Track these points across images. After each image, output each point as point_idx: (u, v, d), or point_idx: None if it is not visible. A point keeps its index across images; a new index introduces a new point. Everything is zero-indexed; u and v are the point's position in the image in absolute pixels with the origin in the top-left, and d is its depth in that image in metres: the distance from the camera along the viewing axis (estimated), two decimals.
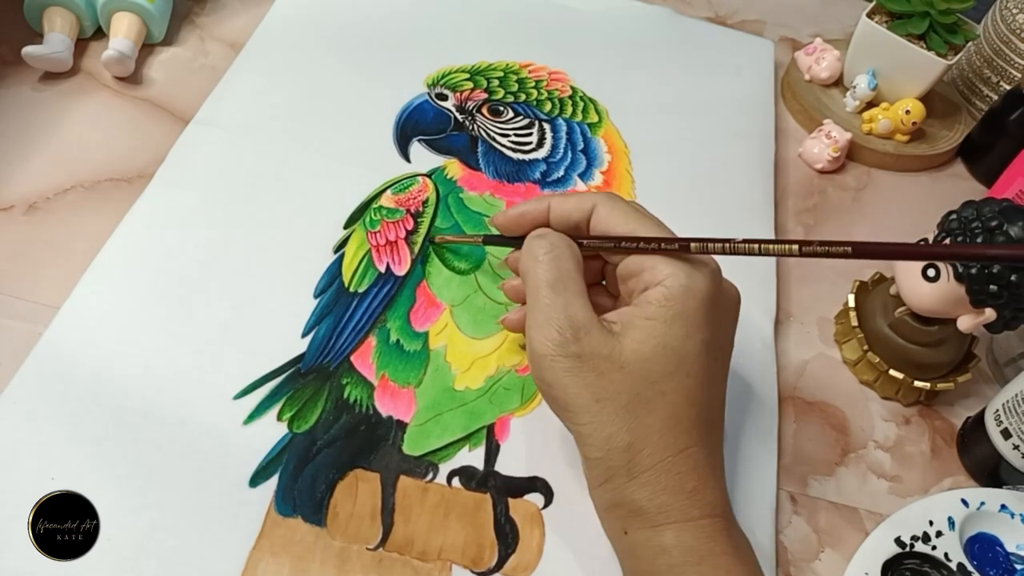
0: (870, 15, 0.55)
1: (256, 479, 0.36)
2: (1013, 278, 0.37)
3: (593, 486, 0.33)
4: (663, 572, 0.30)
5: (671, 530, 0.30)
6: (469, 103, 0.53)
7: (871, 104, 0.58)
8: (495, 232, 0.38)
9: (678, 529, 0.30)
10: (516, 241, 0.37)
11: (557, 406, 0.32)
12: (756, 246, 0.31)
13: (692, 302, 0.31)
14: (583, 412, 0.31)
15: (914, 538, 0.38)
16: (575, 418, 0.31)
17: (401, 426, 0.39)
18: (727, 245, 0.31)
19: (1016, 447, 0.40)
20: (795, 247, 0.30)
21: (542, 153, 0.51)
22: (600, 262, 0.37)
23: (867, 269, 0.47)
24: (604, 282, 0.38)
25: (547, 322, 0.31)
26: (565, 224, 0.35)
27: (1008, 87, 0.58)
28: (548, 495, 0.38)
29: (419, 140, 0.50)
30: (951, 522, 0.38)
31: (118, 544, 0.33)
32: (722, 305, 0.33)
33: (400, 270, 0.44)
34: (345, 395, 0.39)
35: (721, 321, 0.33)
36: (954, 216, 0.39)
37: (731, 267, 0.34)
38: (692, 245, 0.32)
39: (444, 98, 0.53)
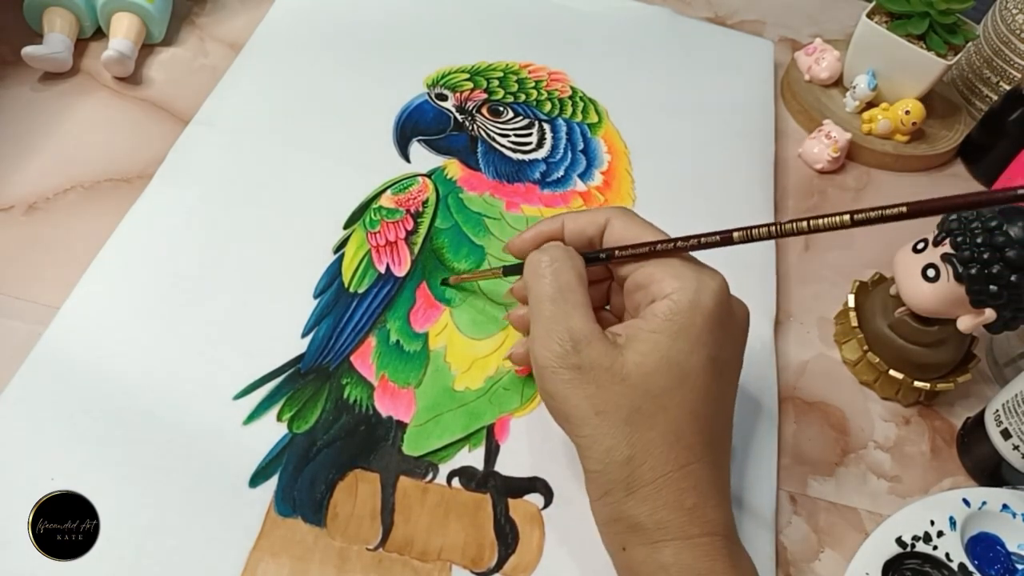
0: (870, 15, 0.55)
1: (256, 479, 0.36)
2: (1013, 278, 0.37)
3: (592, 499, 0.32)
4: None
5: (670, 547, 0.30)
6: (469, 103, 0.53)
7: (871, 104, 0.58)
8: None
9: (677, 547, 0.30)
10: None
11: (559, 417, 0.32)
12: (805, 223, 0.30)
13: (698, 317, 0.31)
14: (583, 424, 0.31)
15: (915, 538, 0.38)
16: (576, 430, 0.31)
17: (401, 426, 0.38)
18: (773, 228, 0.31)
19: (1016, 447, 0.40)
20: (846, 218, 0.29)
21: (542, 153, 0.51)
22: (608, 283, 0.37)
23: (867, 269, 0.47)
24: (608, 307, 0.38)
25: (548, 334, 0.31)
26: (579, 240, 0.35)
27: (1008, 87, 0.58)
28: (548, 495, 0.38)
29: (419, 140, 0.50)
30: (952, 522, 0.38)
31: (118, 544, 0.33)
32: (730, 323, 0.33)
33: (400, 271, 0.44)
34: (345, 395, 0.39)
35: (728, 338, 0.33)
36: (954, 216, 0.39)
37: (731, 267, 0.34)
38: (735, 235, 0.31)
39: (444, 98, 0.53)
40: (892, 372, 0.43)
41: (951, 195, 0.27)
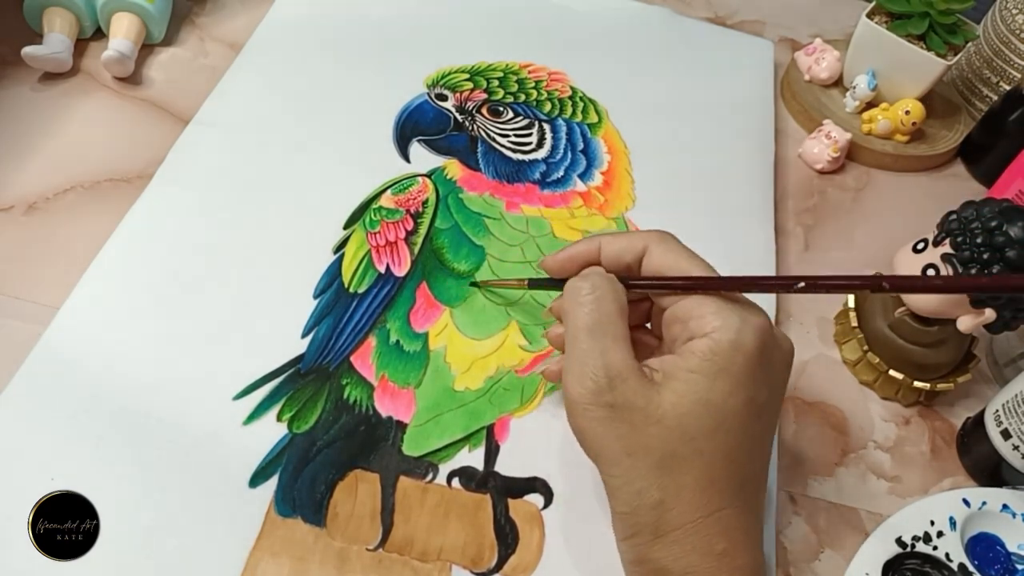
0: (870, 15, 0.55)
1: (256, 479, 0.36)
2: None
3: (618, 538, 0.31)
4: None
5: None
6: (469, 103, 0.53)
7: (871, 104, 0.58)
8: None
9: None
10: (563, 284, 0.35)
11: (590, 454, 0.31)
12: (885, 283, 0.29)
13: (739, 358, 0.29)
14: (614, 465, 0.30)
15: (915, 538, 0.38)
16: (607, 469, 0.30)
17: (401, 426, 0.38)
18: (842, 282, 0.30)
19: (1016, 447, 0.40)
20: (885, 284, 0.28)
21: (542, 153, 0.51)
22: (649, 303, 0.36)
23: (867, 269, 0.47)
24: (649, 324, 0.37)
25: (583, 369, 0.30)
26: (616, 265, 0.34)
27: (1008, 87, 0.58)
28: (548, 495, 0.38)
29: (419, 140, 0.50)
30: (952, 522, 0.38)
31: (118, 544, 0.33)
32: (773, 360, 0.31)
33: (400, 271, 0.44)
34: (345, 395, 0.39)
35: (770, 377, 0.31)
36: (954, 216, 0.39)
37: (732, 266, 0.34)
38: (799, 284, 0.30)
39: (444, 98, 0.53)
40: (892, 372, 0.43)
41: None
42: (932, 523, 0.38)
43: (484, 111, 0.52)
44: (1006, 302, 0.38)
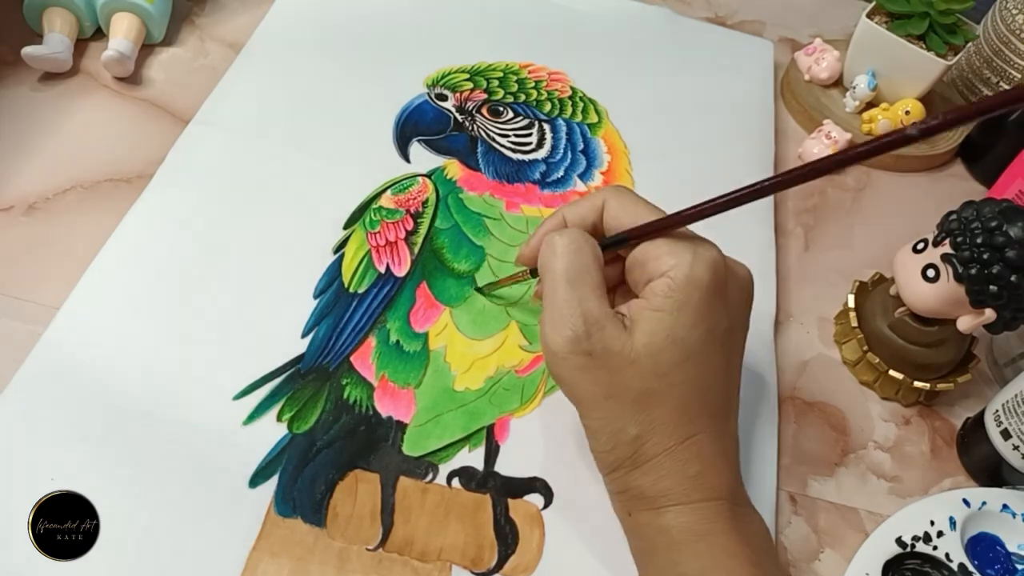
0: (870, 15, 0.55)
1: (256, 479, 0.36)
2: (1013, 278, 0.37)
3: (602, 473, 0.33)
4: (662, 550, 0.31)
5: (671, 512, 0.31)
6: (469, 103, 0.53)
7: (871, 104, 0.58)
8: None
9: (678, 511, 0.31)
10: None
11: (571, 400, 0.33)
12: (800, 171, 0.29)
13: (696, 291, 0.31)
14: (594, 408, 0.32)
15: (915, 538, 0.38)
16: (587, 412, 0.32)
17: (401, 427, 0.38)
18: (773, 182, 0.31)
19: (1016, 447, 0.40)
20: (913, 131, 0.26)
21: (542, 153, 0.51)
22: (622, 263, 0.37)
23: (867, 269, 0.47)
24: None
25: (561, 319, 0.31)
26: (582, 227, 0.35)
27: (1008, 87, 0.58)
28: (548, 495, 0.38)
29: (419, 140, 0.50)
30: (952, 522, 0.38)
31: (118, 544, 0.33)
32: (731, 289, 0.33)
33: (400, 271, 0.44)
34: (345, 395, 0.39)
35: (729, 307, 0.33)
36: (954, 216, 0.39)
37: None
38: (731, 197, 0.31)
39: (444, 98, 0.53)
40: (892, 372, 0.43)
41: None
42: (932, 523, 0.38)
43: (484, 111, 0.52)
44: (1006, 302, 0.38)
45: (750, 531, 0.32)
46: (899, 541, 0.38)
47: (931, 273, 0.40)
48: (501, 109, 0.53)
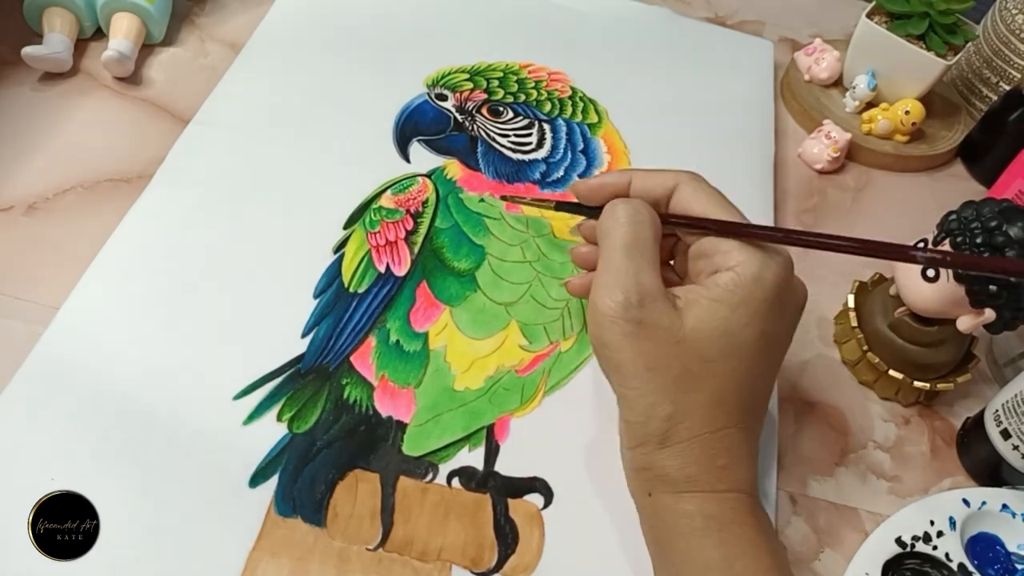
0: (870, 15, 0.55)
1: (256, 479, 0.36)
2: (1013, 278, 0.37)
3: (626, 447, 0.33)
4: (685, 535, 0.31)
5: (696, 498, 0.31)
6: (469, 103, 0.53)
7: (871, 104, 0.58)
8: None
9: (702, 499, 0.31)
10: (589, 210, 0.36)
11: (609, 366, 0.33)
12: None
13: (759, 292, 0.31)
14: (633, 377, 0.32)
15: (915, 538, 0.38)
16: (625, 381, 0.32)
17: (401, 426, 0.38)
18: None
19: (1016, 447, 0.40)
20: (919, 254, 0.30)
21: (542, 153, 0.51)
22: (672, 241, 0.37)
23: (867, 269, 0.47)
24: (672, 262, 0.38)
25: (616, 284, 0.31)
26: (645, 199, 0.35)
27: (1008, 87, 0.58)
28: (548, 495, 0.38)
29: (419, 140, 0.50)
30: (952, 522, 0.38)
31: (118, 544, 0.33)
32: (788, 300, 0.33)
33: (400, 270, 0.44)
34: (345, 395, 0.39)
35: (784, 315, 0.33)
36: (954, 216, 0.39)
37: None
38: (834, 242, 0.32)
39: (444, 98, 0.53)
40: (892, 372, 0.43)
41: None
42: (932, 523, 0.38)
43: (484, 111, 0.52)
44: (1006, 302, 0.38)
45: (768, 528, 0.33)
46: (899, 541, 0.38)
47: (931, 273, 0.40)
48: (501, 109, 0.53)
